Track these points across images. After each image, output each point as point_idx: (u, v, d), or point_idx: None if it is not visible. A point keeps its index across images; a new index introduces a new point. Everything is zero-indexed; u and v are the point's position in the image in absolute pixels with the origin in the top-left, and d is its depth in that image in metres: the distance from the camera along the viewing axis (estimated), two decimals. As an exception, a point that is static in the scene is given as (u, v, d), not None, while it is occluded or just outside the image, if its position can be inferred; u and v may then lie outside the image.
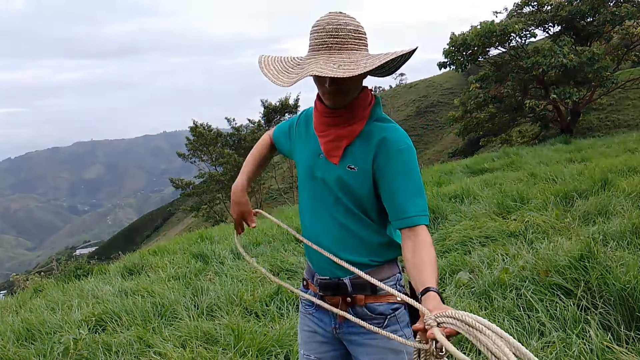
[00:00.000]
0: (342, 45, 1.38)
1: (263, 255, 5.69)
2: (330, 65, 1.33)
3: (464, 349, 2.75)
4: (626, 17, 16.55)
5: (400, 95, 59.05)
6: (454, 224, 5.37)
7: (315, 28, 1.42)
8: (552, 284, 3.13)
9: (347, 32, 1.38)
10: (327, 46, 1.38)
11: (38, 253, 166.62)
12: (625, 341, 2.55)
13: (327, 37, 1.38)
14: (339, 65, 1.33)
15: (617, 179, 6.02)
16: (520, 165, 9.88)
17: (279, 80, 1.39)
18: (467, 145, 27.45)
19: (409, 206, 1.42)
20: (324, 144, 1.54)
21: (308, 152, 1.61)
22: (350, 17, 1.42)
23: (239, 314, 3.84)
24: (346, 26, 1.38)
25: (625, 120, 20.56)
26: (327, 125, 1.52)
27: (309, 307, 1.69)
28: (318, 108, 1.55)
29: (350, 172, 1.50)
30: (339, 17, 1.40)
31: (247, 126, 26.67)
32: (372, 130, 1.51)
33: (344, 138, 1.50)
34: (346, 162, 1.51)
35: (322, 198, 1.57)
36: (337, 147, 1.51)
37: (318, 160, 1.56)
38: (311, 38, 1.42)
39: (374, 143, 1.49)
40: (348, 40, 1.38)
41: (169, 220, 65.20)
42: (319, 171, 1.56)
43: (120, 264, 6.56)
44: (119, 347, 3.38)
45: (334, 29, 1.38)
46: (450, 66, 18.25)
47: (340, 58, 1.35)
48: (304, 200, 1.65)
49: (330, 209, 1.55)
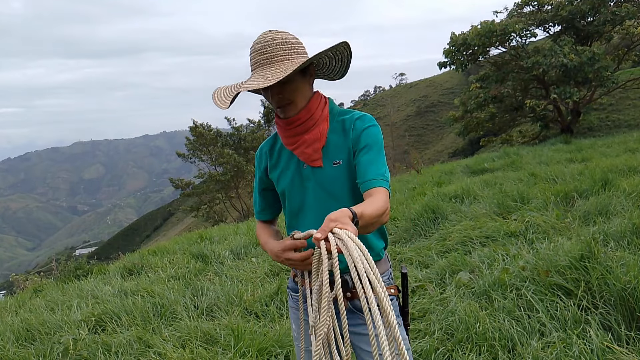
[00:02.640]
0: (272, 59, 1.46)
1: (263, 256, 5.69)
2: (259, 79, 1.42)
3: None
4: (626, 17, 16.55)
5: (401, 95, 59.07)
6: (454, 224, 5.36)
7: (250, 51, 1.51)
8: (553, 284, 3.12)
9: (275, 46, 1.46)
10: (259, 64, 1.47)
11: (37, 253, 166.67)
12: (625, 341, 2.54)
13: (258, 56, 1.47)
14: (266, 77, 1.41)
15: (617, 179, 6.02)
16: (520, 165, 9.88)
17: (220, 106, 1.47)
18: (467, 145, 27.48)
19: (370, 172, 1.50)
20: (301, 153, 1.59)
21: (290, 170, 1.65)
22: (280, 31, 1.50)
23: (239, 314, 3.83)
24: (273, 41, 1.47)
25: (626, 120, 20.55)
26: (295, 135, 1.58)
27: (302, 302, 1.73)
28: (280, 124, 1.61)
29: (338, 167, 1.57)
30: (266, 34, 1.49)
31: (247, 126, 26.64)
32: (342, 122, 1.60)
33: (317, 141, 1.57)
34: (330, 160, 1.57)
35: (317, 203, 1.60)
36: (315, 150, 1.57)
37: (304, 171, 1.61)
38: (250, 61, 1.51)
39: (347, 131, 1.57)
40: (276, 53, 1.46)
41: (168, 220, 65.23)
42: (309, 181, 1.60)
43: (120, 264, 6.55)
44: (118, 347, 3.38)
45: (262, 47, 1.47)
46: (451, 66, 18.24)
47: (270, 71, 1.43)
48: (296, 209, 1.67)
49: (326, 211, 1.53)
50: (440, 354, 2.79)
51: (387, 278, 1.65)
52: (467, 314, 3.02)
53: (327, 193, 1.58)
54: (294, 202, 1.66)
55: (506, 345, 2.72)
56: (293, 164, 1.63)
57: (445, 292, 3.61)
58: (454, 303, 3.29)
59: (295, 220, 1.68)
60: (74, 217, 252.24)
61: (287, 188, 1.65)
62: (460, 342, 2.85)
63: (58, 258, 17.81)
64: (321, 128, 1.57)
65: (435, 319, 3.19)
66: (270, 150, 1.72)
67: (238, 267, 5.38)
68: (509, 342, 2.74)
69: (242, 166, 22.48)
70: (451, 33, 17.71)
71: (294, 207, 1.66)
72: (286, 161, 1.65)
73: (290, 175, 1.64)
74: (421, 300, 3.60)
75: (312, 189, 1.60)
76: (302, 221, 1.66)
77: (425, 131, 46.86)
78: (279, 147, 1.69)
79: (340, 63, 1.60)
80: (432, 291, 3.70)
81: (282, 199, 1.72)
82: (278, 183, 1.69)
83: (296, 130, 1.57)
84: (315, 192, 1.60)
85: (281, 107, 1.54)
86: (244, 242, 6.55)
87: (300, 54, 1.50)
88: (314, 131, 1.56)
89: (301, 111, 1.55)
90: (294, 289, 1.75)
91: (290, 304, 1.81)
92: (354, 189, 1.57)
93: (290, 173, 1.64)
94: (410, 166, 14.55)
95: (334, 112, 1.63)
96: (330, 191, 1.58)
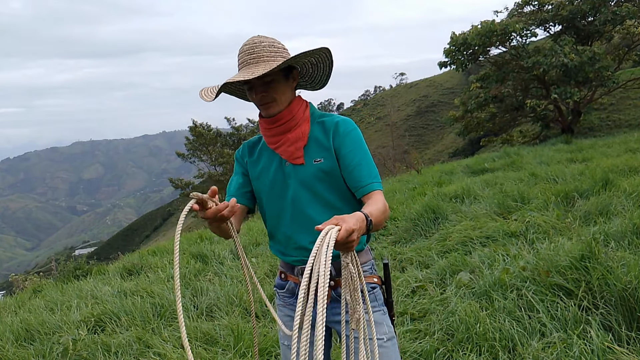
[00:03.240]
0: (258, 59, 1.56)
1: (263, 256, 5.69)
2: (244, 74, 1.51)
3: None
4: (627, 17, 16.55)
5: (401, 95, 59.08)
6: (455, 224, 5.36)
7: (238, 52, 1.61)
8: (553, 285, 3.11)
9: (262, 48, 1.57)
10: (246, 63, 1.57)
11: (37, 253, 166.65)
12: (626, 342, 2.54)
13: (245, 56, 1.57)
14: (252, 73, 1.50)
15: (618, 179, 6.01)
16: (521, 165, 9.88)
17: (206, 97, 1.58)
18: (467, 145, 27.47)
19: (363, 178, 1.62)
20: (284, 151, 1.67)
21: (270, 168, 1.72)
22: (267, 37, 1.61)
23: (239, 314, 3.83)
24: (260, 43, 1.58)
25: (627, 120, 20.55)
26: (277, 134, 1.66)
27: (288, 298, 1.79)
28: (263, 123, 1.69)
29: (318, 164, 1.65)
30: (255, 38, 1.60)
31: (246, 126, 26.66)
32: (322, 123, 1.69)
33: (299, 140, 1.65)
34: (311, 158, 1.66)
35: (298, 201, 1.68)
36: (297, 148, 1.65)
37: (286, 168, 1.69)
38: (238, 62, 1.61)
39: (328, 131, 1.66)
40: (263, 54, 1.56)
41: (168, 220, 65.22)
42: (291, 178, 1.68)
43: (119, 265, 6.55)
44: (118, 347, 3.38)
45: (250, 48, 1.57)
46: (451, 66, 18.25)
47: (255, 68, 1.53)
48: (277, 209, 1.73)
49: (307, 208, 1.67)
50: (441, 354, 2.78)
51: (369, 268, 1.74)
52: (467, 314, 3.02)
53: (307, 189, 1.67)
54: (275, 200, 1.72)
55: (507, 346, 2.72)
56: (275, 162, 1.71)
57: (445, 293, 3.61)
58: (454, 303, 3.28)
59: (276, 218, 1.74)
60: (74, 217, 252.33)
61: (269, 185, 1.72)
62: (460, 343, 2.84)
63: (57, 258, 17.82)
64: (303, 128, 1.66)
65: (435, 319, 3.19)
66: (252, 147, 1.80)
67: (238, 267, 5.38)
68: (510, 343, 2.73)
69: (242, 166, 22.47)
70: (451, 33, 17.73)
71: (275, 205, 1.73)
72: (268, 159, 1.73)
73: (272, 172, 1.71)
74: (421, 300, 3.59)
75: (293, 185, 1.67)
76: (283, 219, 1.72)
77: (425, 131, 46.87)
78: (261, 147, 1.77)
79: (322, 72, 1.71)
80: (432, 291, 3.70)
81: (259, 198, 1.78)
82: (259, 179, 1.75)
83: (279, 129, 1.65)
84: (296, 188, 1.67)
85: (264, 105, 1.62)
86: (244, 242, 6.55)
87: (284, 58, 1.59)
88: (296, 131, 1.66)
89: (283, 111, 1.64)
90: (280, 285, 1.81)
91: (277, 302, 1.86)
92: (333, 185, 1.66)
93: (272, 170, 1.71)
94: (410, 166, 14.56)
95: (315, 114, 1.72)
96: (311, 187, 1.66)
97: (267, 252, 5.84)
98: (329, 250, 1.14)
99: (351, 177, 1.63)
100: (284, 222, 1.72)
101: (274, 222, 1.75)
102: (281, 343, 1.85)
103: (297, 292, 1.75)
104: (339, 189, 1.67)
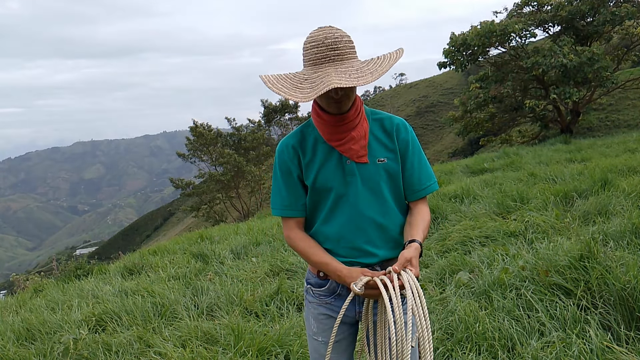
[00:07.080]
0: (343, 57, 1.50)
1: (263, 255, 5.70)
2: (341, 76, 1.45)
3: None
4: (626, 17, 16.54)
5: (400, 95, 59.08)
6: (454, 224, 5.37)
7: (313, 43, 1.52)
8: (552, 284, 3.13)
9: (345, 44, 1.51)
10: (329, 59, 1.49)
11: (38, 253, 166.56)
12: (625, 341, 2.55)
13: (328, 51, 1.49)
14: (349, 75, 1.46)
15: (617, 179, 6.02)
16: (520, 165, 9.88)
17: (294, 97, 1.46)
18: (467, 145, 27.48)
19: (423, 179, 1.72)
20: (348, 149, 1.64)
21: (331, 165, 1.67)
22: (340, 29, 1.55)
23: (239, 314, 3.84)
24: (342, 38, 1.51)
25: (625, 120, 20.57)
26: (343, 132, 1.63)
27: (325, 296, 1.77)
28: (325, 119, 1.63)
29: (382, 164, 1.66)
30: (333, 30, 1.52)
31: (247, 126, 26.64)
32: (379, 121, 1.70)
33: (362, 138, 1.64)
34: (374, 157, 1.66)
35: (358, 199, 1.66)
36: (362, 147, 1.64)
37: (347, 166, 1.66)
38: (310, 53, 1.52)
39: (390, 133, 1.69)
40: (346, 51, 1.51)
41: (169, 220, 65.23)
42: (353, 176, 1.66)
43: (120, 264, 6.56)
44: (119, 347, 3.39)
45: (333, 43, 1.50)
46: (450, 66, 18.25)
47: (345, 68, 1.48)
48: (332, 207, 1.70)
49: (367, 208, 1.67)
50: (440, 354, 2.80)
51: None
52: (466, 314, 3.03)
53: (368, 188, 1.66)
54: (333, 196, 1.68)
55: (506, 345, 2.73)
56: (334, 159, 1.67)
57: (445, 292, 3.62)
58: (453, 303, 3.29)
59: (330, 213, 1.70)
60: (75, 217, 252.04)
61: (329, 182, 1.67)
62: (459, 342, 2.86)
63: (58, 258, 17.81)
64: (364, 126, 1.66)
65: (435, 319, 3.20)
66: (300, 145, 1.71)
67: (238, 266, 5.39)
68: (509, 342, 2.74)
69: (243, 166, 22.47)
70: (451, 33, 17.73)
71: (330, 202, 1.69)
72: (324, 156, 1.68)
73: (331, 169, 1.67)
74: (421, 300, 3.59)
75: (354, 184, 1.66)
76: (337, 217, 1.68)
77: (425, 131, 46.85)
78: (313, 143, 1.70)
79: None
80: (432, 291, 3.71)
81: (317, 194, 1.71)
82: (317, 178, 1.69)
83: (346, 126, 1.62)
84: (357, 187, 1.66)
85: (339, 102, 1.57)
86: (244, 241, 6.56)
87: (356, 54, 1.57)
88: (359, 128, 1.64)
89: (351, 108, 1.62)
90: (318, 284, 1.77)
91: (309, 299, 1.83)
92: (392, 186, 1.69)
93: (332, 168, 1.67)
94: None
95: (367, 111, 1.71)
96: (372, 187, 1.66)
97: (267, 252, 5.85)
98: (423, 302, 1.46)
99: (411, 179, 1.70)
100: (338, 220, 1.69)
101: (326, 217, 1.71)
102: (313, 339, 1.83)
103: (338, 292, 1.74)
104: (397, 189, 1.70)
